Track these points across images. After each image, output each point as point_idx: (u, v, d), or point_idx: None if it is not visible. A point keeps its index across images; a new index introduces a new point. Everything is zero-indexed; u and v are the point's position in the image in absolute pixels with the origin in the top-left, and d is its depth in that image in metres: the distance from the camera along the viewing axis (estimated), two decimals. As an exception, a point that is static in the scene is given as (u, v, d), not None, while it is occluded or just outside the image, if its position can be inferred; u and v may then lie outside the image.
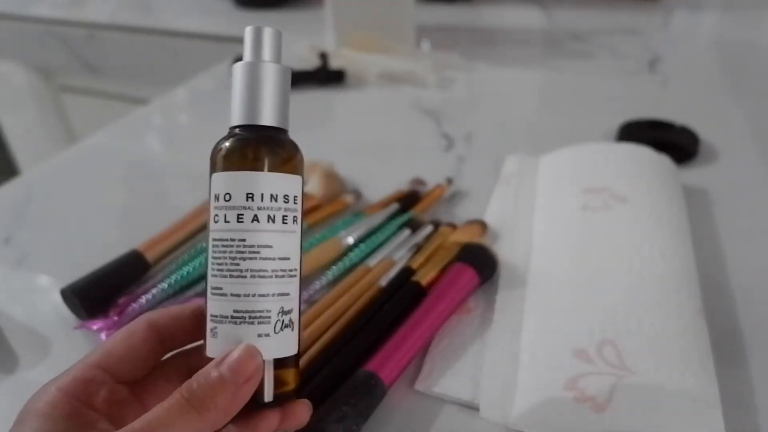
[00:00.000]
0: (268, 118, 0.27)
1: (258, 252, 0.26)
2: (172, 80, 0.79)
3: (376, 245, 0.45)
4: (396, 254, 0.43)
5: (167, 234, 0.45)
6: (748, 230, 0.46)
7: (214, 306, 0.26)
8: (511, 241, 0.45)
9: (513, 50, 0.84)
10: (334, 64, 0.74)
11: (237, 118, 0.27)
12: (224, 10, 1.04)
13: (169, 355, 0.29)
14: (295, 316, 0.27)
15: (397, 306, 0.38)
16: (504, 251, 0.43)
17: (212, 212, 0.27)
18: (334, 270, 0.42)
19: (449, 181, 0.52)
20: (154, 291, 0.41)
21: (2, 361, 0.38)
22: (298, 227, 0.27)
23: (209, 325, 0.27)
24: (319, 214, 0.49)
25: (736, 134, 0.60)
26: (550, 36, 0.90)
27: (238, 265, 0.26)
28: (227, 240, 0.26)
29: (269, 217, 0.26)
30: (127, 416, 0.26)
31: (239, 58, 0.28)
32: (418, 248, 0.44)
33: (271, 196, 0.26)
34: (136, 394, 0.27)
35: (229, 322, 0.26)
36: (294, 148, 0.28)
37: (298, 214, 0.27)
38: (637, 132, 0.58)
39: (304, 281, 0.42)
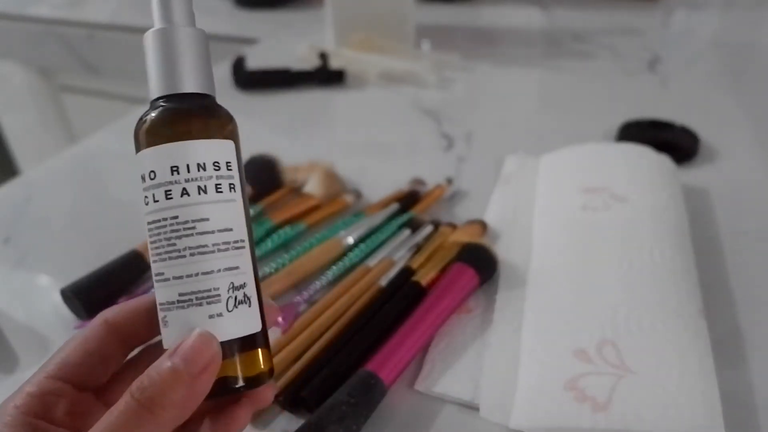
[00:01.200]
0: (188, 84, 0.25)
1: (194, 227, 0.24)
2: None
3: (376, 245, 0.45)
4: (396, 254, 0.43)
5: (167, 234, 0.45)
6: (748, 230, 0.46)
7: (160, 293, 0.25)
8: (511, 241, 0.45)
9: (513, 50, 0.84)
10: (334, 64, 0.74)
11: (156, 90, 0.25)
12: (224, 10, 1.04)
13: (134, 352, 0.27)
14: (251, 290, 0.25)
15: (397, 306, 0.38)
16: (504, 251, 0.43)
17: (142, 196, 0.25)
18: (334, 270, 0.42)
19: (449, 181, 0.52)
20: (153, 291, 0.41)
21: (2, 361, 0.38)
22: (237, 195, 0.25)
23: (160, 314, 0.25)
24: (319, 214, 0.49)
25: (736, 134, 0.60)
26: (550, 36, 0.90)
27: (174, 245, 0.24)
28: (159, 221, 0.24)
29: (199, 188, 0.24)
30: (93, 422, 0.24)
31: (240, 59, 0.27)
32: (418, 248, 0.44)
33: (198, 165, 0.24)
34: (104, 399, 0.26)
35: (177, 307, 0.24)
36: (219, 112, 0.26)
37: (236, 181, 0.25)
38: (637, 132, 0.58)
39: (305, 281, 0.43)
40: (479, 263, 0.40)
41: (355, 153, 0.60)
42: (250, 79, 0.73)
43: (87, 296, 0.40)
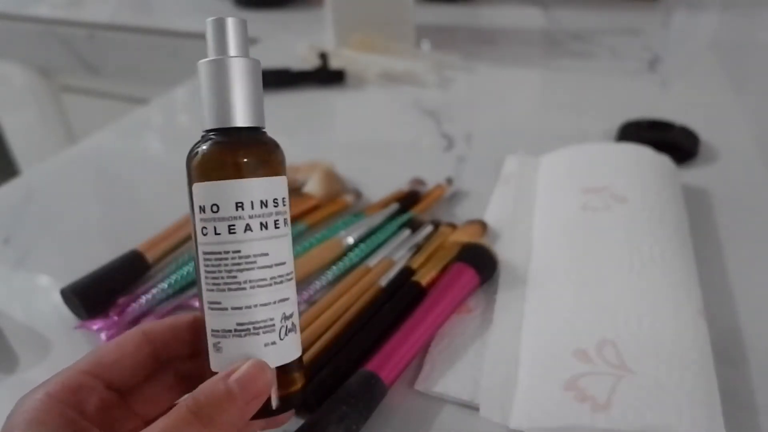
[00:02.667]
0: (243, 118, 0.26)
1: (255, 261, 0.25)
2: (172, 80, 0.79)
3: (376, 245, 0.45)
4: (396, 254, 0.43)
5: (167, 234, 0.45)
6: (748, 230, 0.46)
7: (215, 321, 0.25)
8: (511, 241, 0.45)
9: (513, 50, 0.84)
10: (334, 64, 0.74)
11: (210, 122, 0.26)
12: (224, 10, 1.04)
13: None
14: (296, 318, 0.27)
15: (397, 306, 0.38)
16: (504, 251, 0.43)
17: (198, 224, 0.25)
18: (334, 270, 0.42)
19: (449, 181, 0.52)
20: (154, 291, 0.41)
21: (2, 361, 0.38)
22: (288, 229, 0.27)
23: (211, 340, 0.26)
24: (319, 214, 0.49)
25: (736, 134, 0.60)
26: (550, 36, 0.90)
27: (235, 277, 0.25)
28: (221, 253, 0.25)
29: (261, 224, 0.25)
30: (117, 424, 0.26)
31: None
32: (418, 248, 0.44)
33: (261, 202, 0.25)
34: (125, 401, 0.27)
35: (234, 335, 0.25)
36: (275, 147, 0.27)
37: (288, 216, 0.27)
38: (637, 132, 0.58)
39: (305, 281, 0.43)
40: (479, 263, 0.40)
41: (355, 153, 0.60)
42: (250, 79, 0.73)
43: (87, 296, 0.40)
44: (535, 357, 0.34)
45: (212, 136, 0.26)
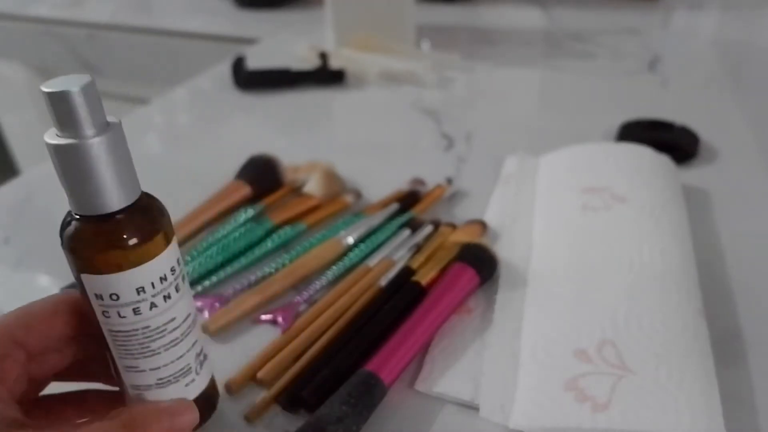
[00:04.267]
0: (117, 200, 0.23)
1: (164, 329, 0.25)
2: (172, 80, 0.79)
3: (376, 245, 0.45)
4: (396, 254, 0.43)
5: (167, 234, 0.45)
6: (748, 230, 0.46)
7: (134, 378, 0.26)
8: (511, 241, 0.45)
9: (513, 50, 0.84)
10: (334, 64, 0.74)
11: (79, 207, 0.23)
12: (224, 10, 1.04)
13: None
14: (201, 344, 0.28)
15: (397, 306, 0.38)
16: (504, 251, 0.43)
17: (98, 308, 0.24)
18: (334, 270, 0.42)
19: (449, 181, 0.52)
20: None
21: (2, 361, 0.38)
22: (187, 283, 0.27)
23: (130, 390, 0.27)
24: (319, 214, 0.49)
25: (736, 134, 0.60)
26: (550, 36, 0.90)
27: (149, 347, 0.25)
28: (129, 331, 0.25)
29: (164, 297, 0.25)
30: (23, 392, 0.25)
31: (240, 59, 0.27)
32: (418, 248, 0.44)
33: (161, 278, 0.25)
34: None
35: (156, 388, 0.26)
36: (159, 213, 0.25)
37: (185, 271, 0.27)
38: (637, 132, 0.58)
39: (305, 281, 0.43)
40: (479, 263, 0.40)
41: (355, 153, 0.60)
42: (250, 79, 0.73)
43: (87, 296, 0.40)
44: (535, 357, 0.34)
45: (88, 225, 0.23)
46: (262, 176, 0.51)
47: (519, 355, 0.35)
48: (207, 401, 0.29)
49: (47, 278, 0.45)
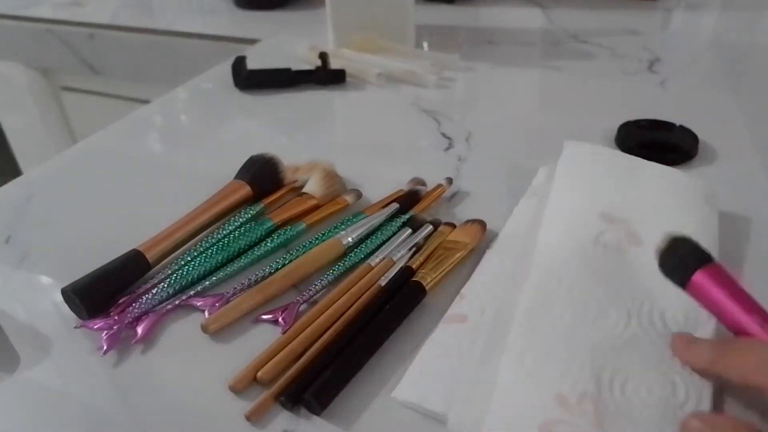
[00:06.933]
0: None
1: None
2: (172, 80, 0.79)
3: (377, 245, 0.45)
4: (396, 254, 0.43)
5: (168, 234, 0.45)
6: (748, 230, 0.46)
7: None
8: (517, 259, 0.42)
9: (513, 50, 0.84)
10: (334, 64, 0.74)
11: None
12: (224, 10, 1.04)
13: None
14: None
15: (397, 306, 0.38)
16: (509, 267, 0.42)
17: None
18: (334, 270, 0.43)
19: (449, 181, 0.52)
20: (154, 291, 0.41)
21: (3, 360, 0.38)
22: None
23: None
24: (319, 214, 0.49)
25: (735, 134, 0.60)
26: (550, 36, 0.90)
27: None
28: None
29: None
30: None
31: (240, 59, 0.27)
32: (418, 248, 0.44)
33: None
34: None
35: None
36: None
37: None
38: (636, 132, 0.58)
39: (304, 281, 0.43)
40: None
41: (355, 153, 0.60)
42: (250, 79, 0.73)
43: (88, 296, 0.40)
44: (514, 390, 0.32)
45: None
46: (262, 176, 0.51)
47: (498, 382, 0.33)
48: None
49: (48, 278, 0.45)
